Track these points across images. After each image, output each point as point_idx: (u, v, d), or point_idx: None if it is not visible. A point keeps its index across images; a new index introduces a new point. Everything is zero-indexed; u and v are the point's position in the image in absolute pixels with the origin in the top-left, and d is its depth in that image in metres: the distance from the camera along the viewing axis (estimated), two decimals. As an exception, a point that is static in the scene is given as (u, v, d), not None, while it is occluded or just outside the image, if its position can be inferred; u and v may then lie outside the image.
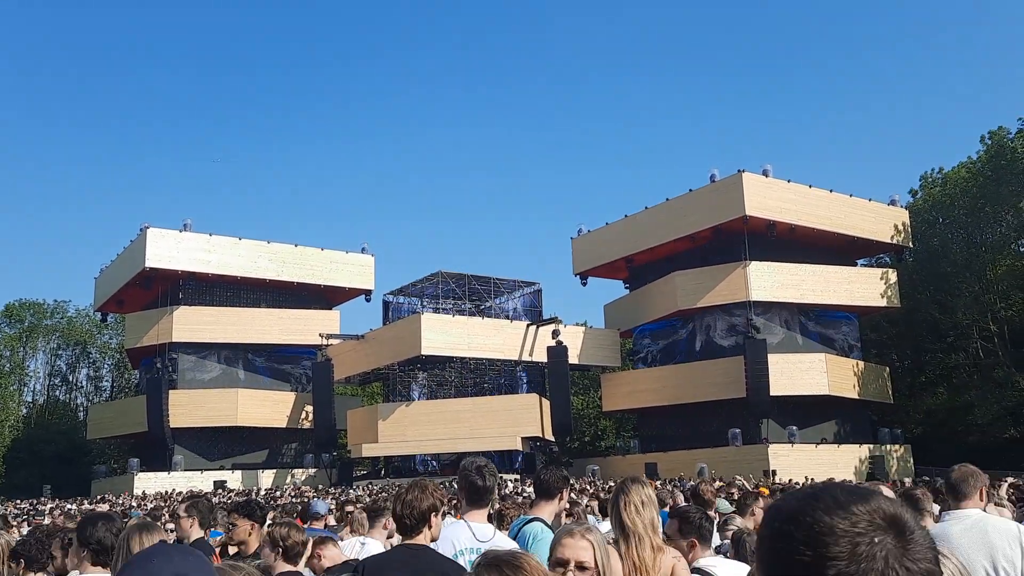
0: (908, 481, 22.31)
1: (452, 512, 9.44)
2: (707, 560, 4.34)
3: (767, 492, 13.30)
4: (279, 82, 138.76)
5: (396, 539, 6.84)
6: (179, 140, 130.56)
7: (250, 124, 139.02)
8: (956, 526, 4.24)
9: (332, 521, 10.29)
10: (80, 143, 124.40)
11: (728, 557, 5.10)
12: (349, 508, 10.00)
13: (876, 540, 1.00)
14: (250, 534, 5.40)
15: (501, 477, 37.94)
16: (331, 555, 5.16)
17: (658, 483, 24.49)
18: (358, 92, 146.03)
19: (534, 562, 2.03)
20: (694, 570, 4.23)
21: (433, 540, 3.92)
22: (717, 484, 21.40)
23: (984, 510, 4.52)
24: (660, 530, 4.16)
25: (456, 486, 4.42)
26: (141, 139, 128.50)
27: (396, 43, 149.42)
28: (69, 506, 29.27)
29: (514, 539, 4.70)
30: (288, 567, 4.65)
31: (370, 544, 5.54)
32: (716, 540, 5.62)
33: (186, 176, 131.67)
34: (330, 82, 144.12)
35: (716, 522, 5.90)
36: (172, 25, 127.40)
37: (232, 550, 5.81)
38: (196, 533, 5.89)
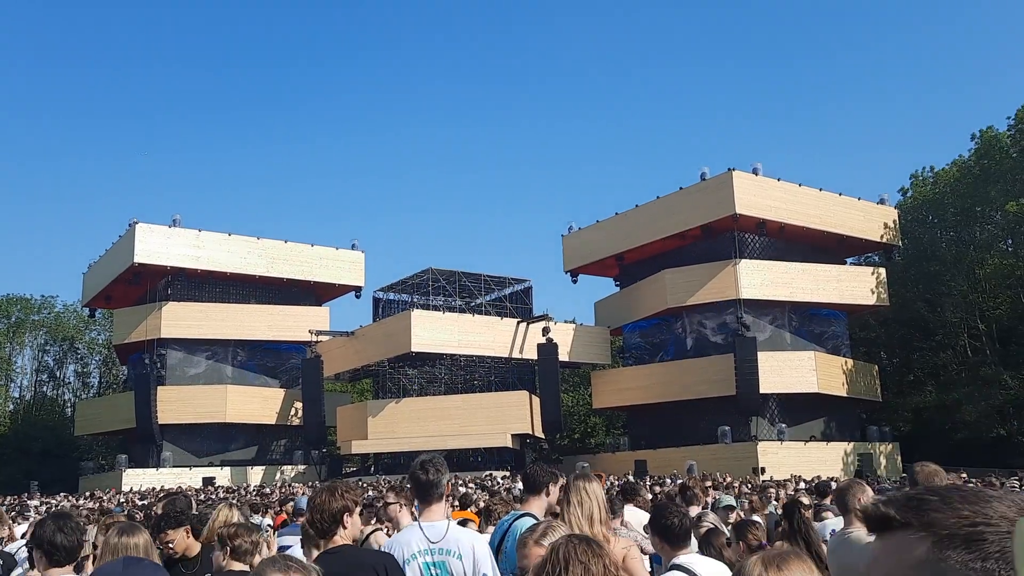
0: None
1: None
2: (687, 558, 4.39)
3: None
4: (269, 78, 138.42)
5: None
6: (168, 136, 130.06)
7: (240, 119, 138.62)
8: None
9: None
10: (68, 138, 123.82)
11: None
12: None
13: None
14: (187, 539, 5.33)
15: (490, 474, 37.99)
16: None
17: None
18: (349, 88, 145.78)
19: (613, 558, 2.35)
20: (673, 566, 4.28)
21: (354, 539, 3.97)
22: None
23: None
24: (602, 521, 4.32)
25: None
26: (130, 134, 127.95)
27: (388, 41, 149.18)
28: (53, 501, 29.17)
29: (504, 534, 4.67)
30: (239, 566, 4.61)
31: (294, 550, 5.49)
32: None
33: (175, 172, 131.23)
34: (321, 78, 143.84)
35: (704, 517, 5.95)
36: (161, 21, 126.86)
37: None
38: None
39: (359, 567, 3.78)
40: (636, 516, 10.82)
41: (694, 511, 7.07)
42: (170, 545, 5.15)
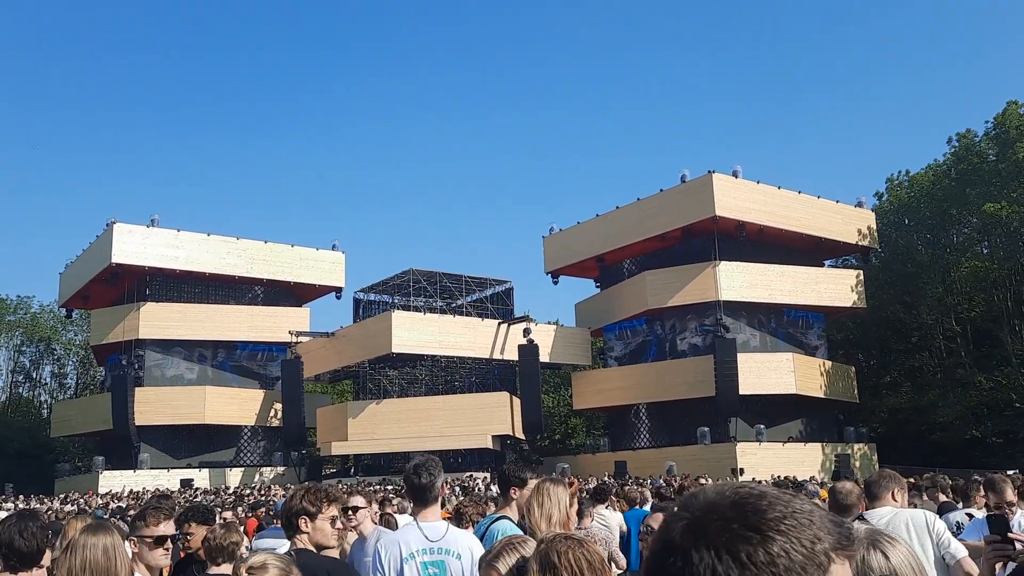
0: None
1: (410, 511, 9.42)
2: None
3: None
4: (249, 76, 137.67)
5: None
6: (147, 134, 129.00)
7: (220, 119, 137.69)
8: (871, 523, 4.70)
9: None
10: (46, 136, 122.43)
11: None
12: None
13: None
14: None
15: (471, 475, 38.02)
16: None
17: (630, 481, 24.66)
18: (331, 88, 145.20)
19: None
20: None
21: (315, 544, 4.11)
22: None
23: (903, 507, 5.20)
24: (560, 523, 4.19)
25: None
26: (108, 132, 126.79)
27: (370, 42, 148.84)
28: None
29: (481, 537, 4.71)
30: (218, 569, 4.66)
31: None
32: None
33: (154, 171, 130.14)
34: (302, 77, 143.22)
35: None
36: (141, 17, 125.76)
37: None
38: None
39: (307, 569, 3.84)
40: (615, 518, 10.92)
41: None
42: (188, 538, 5.22)
